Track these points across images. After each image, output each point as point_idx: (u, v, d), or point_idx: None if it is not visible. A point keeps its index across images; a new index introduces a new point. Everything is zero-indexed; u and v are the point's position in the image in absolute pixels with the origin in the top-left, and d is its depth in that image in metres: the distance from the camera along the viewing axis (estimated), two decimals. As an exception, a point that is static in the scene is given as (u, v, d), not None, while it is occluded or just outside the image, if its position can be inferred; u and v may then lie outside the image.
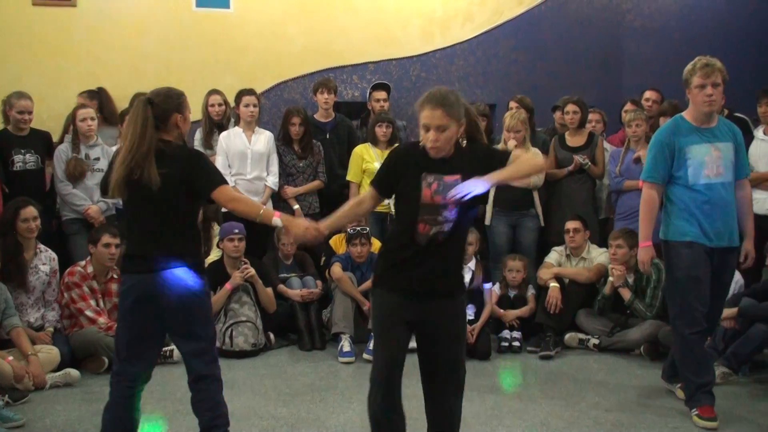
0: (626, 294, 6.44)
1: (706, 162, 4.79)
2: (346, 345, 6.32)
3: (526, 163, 3.69)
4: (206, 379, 3.86)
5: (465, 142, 3.71)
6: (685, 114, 4.97)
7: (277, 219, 3.84)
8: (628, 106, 7.60)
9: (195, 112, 7.77)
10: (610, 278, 6.49)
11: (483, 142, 3.80)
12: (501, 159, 3.63)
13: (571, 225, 6.83)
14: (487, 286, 6.63)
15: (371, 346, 6.25)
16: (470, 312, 6.53)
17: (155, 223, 3.74)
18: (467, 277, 6.62)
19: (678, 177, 4.87)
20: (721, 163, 4.81)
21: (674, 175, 4.89)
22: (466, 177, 3.50)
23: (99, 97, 7.69)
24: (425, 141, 3.53)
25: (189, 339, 3.84)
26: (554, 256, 6.97)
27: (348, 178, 7.41)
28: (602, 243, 7.07)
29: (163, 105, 3.76)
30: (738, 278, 6.28)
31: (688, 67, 4.87)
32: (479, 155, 3.65)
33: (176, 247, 3.74)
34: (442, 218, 3.54)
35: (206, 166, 3.83)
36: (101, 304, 6.14)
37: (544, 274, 6.79)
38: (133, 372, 3.87)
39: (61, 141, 7.05)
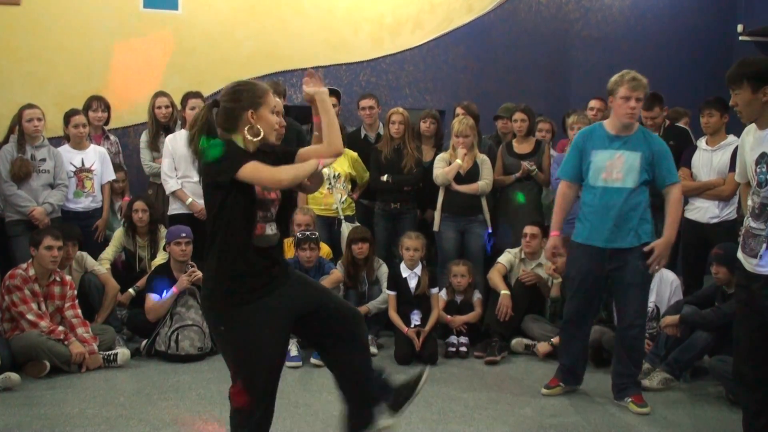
0: (556, 290, 6.64)
1: (606, 166, 5.16)
2: (293, 349, 6.27)
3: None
4: None
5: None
6: (605, 122, 5.36)
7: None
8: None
9: (141, 114, 7.83)
10: (556, 281, 6.56)
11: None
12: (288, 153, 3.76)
13: (529, 230, 6.88)
14: (434, 291, 6.66)
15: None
16: (416, 318, 6.55)
17: None
18: (413, 283, 6.63)
19: (584, 179, 5.29)
20: (622, 169, 5.13)
21: (583, 177, 5.30)
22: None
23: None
24: (275, 125, 3.62)
25: None
26: (507, 257, 6.99)
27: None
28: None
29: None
30: (673, 278, 6.42)
31: (615, 78, 5.24)
32: (277, 150, 3.75)
33: None
34: (271, 215, 3.60)
35: None
36: (43, 307, 6.03)
37: (495, 277, 6.82)
38: None
39: (6, 141, 6.91)
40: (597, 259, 5.22)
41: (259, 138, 3.54)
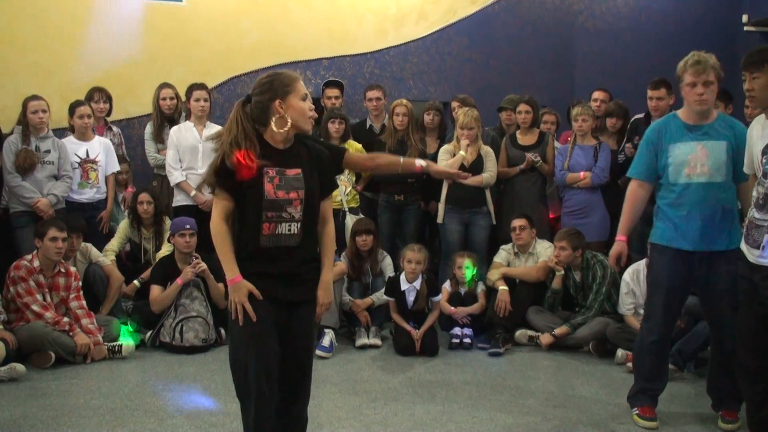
0: (557, 282, 6.61)
1: (689, 160, 4.57)
2: (326, 340, 6.33)
3: None
4: None
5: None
6: (679, 112, 4.75)
7: (420, 162, 4.10)
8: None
9: (146, 106, 7.83)
10: (559, 273, 6.56)
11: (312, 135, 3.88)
12: (337, 155, 3.76)
13: (517, 223, 6.88)
14: (435, 299, 6.64)
15: (324, 342, 6.29)
16: (412, 323, 6.53)
17: None
18: (411, 298, 6.59)
19: (661, 176, 4.70)
20: (707, 162, 4.54)
21: (659, 175, 4.70)
22: (306, 172, 3.53)
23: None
24: (307, 112, 3.54)
25: None
26: (503, 255, 7.00)
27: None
28: (552, 241, 7.12)
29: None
30: None
31: (681, 63, 4.60)
32: (318, 147, 3.68)
33: None
34: (289, 215, 3.50)
35: None
36: (48, 298, 6.05)
37: (492, 275, 6.84)
38: None
39: (11, 133, 6.91)
40: (686, 264, 4.62)
41: (286, 128, 3.49)
